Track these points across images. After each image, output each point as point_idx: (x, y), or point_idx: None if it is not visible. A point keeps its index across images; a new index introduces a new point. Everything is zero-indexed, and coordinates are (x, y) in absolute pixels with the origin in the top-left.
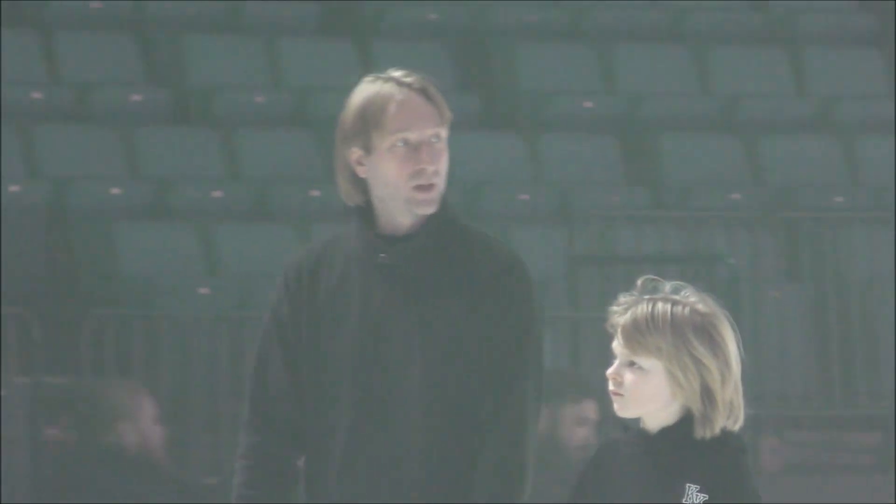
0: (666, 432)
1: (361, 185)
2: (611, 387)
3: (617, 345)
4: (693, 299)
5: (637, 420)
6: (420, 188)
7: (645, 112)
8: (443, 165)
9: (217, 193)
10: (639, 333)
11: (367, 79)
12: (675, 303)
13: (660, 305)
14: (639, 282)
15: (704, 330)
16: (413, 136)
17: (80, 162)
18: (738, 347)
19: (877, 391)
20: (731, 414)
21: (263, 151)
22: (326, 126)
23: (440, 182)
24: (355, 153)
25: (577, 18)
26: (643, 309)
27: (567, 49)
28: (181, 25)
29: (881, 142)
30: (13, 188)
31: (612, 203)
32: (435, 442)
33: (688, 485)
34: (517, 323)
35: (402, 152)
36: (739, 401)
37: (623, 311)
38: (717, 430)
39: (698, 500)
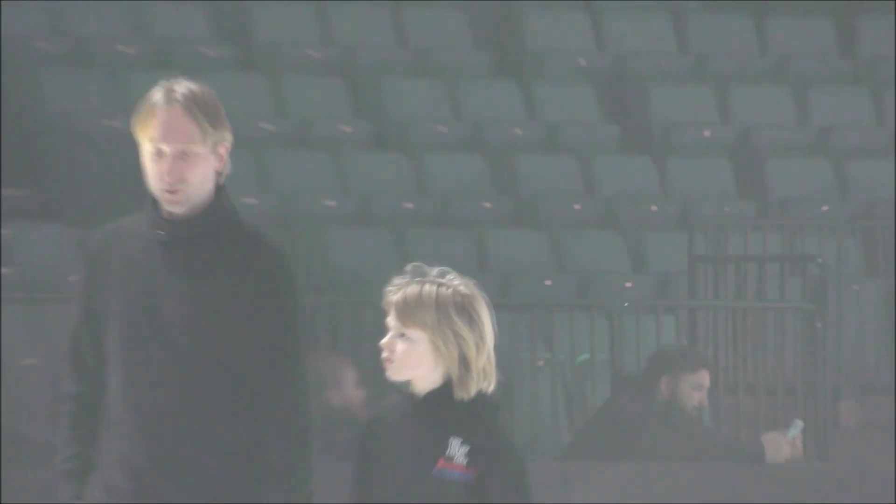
0: (431, 395)
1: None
2: (384, 354)
3: (391, 319)
4: (456, 283)
5: (406, 385)
6: (166, 191)
7: (754, 140)
8: (192, 175)
9: (409, 205)
10: (409, 309)
11: (159, 83)
12: (440, 285)
13: (427, 287)
14: (408, 267)
15: (464, 308)
16: (165, 147)
17: (301, 179)
18: (493, 324)
19: None
20: (485, 378)
21: (446, 171)
22: (497, 152)
23: (186, 187)
24: (142, 149)
25: (701, 63)
26: (413, 289)
27: (691, 89)
28: (382, 71)
29: None
30: (249, 200)
31: (725, 213)
32: (201, 417)
33: (451, 438)
34: (287, 310)
35: (155, 160)
36: (492, 368)
37: (396, 291)
38: (472, 393)
39: (461, 451)
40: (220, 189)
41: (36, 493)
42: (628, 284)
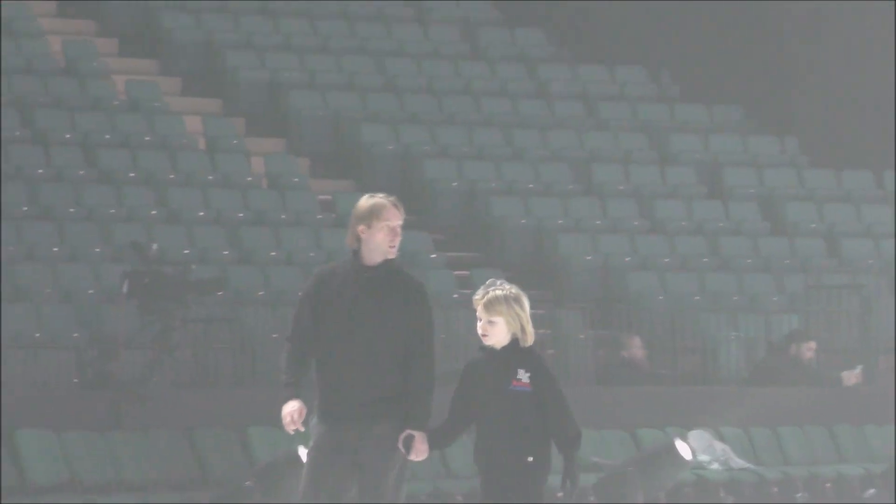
0: (505, 349)
1: (358, 241)
2: (481, 332)
3: (481, 312)
4: (508, 286)
5: (487, 346)
6: (391, 247)
7: None
8: (398, 241)
9: None
10: (492, 305)
11: (367, 195)
12: (503, 290)
13: (498, 292)
14: (487, 282)
15: (517, 299)
16: (392, 223)
17: None
18: (529, 306)
19: None
20: (531, 337)
21: None
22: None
23: (397, 244)
24: (361, 228)
25: None
26: (491, 294)
27: None
28: None
29: None
30: None
31: None
32: (378, 371)
33: (518, 369)
34: (425, 319)
35: (387, 230)
36: (532, 330)
37: (483, 297)
38: (529, 343)
39: (525, 375)
40: None
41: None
42: None
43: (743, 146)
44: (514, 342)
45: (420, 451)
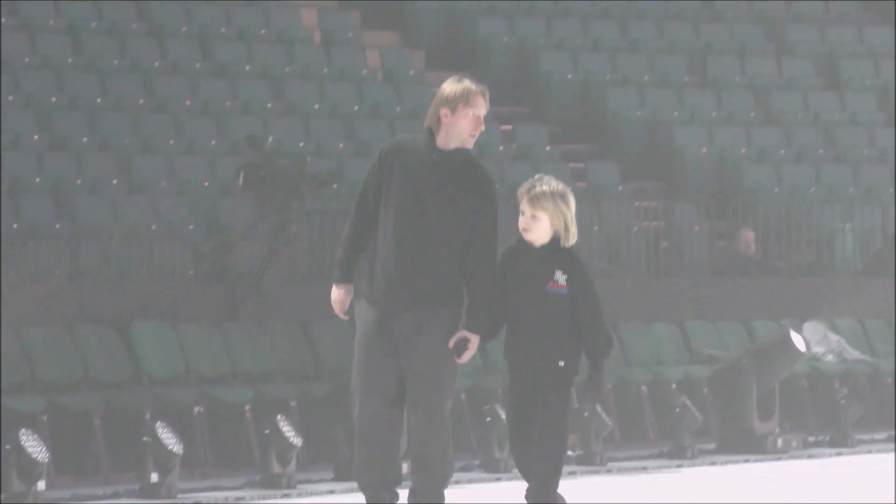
0: (545, 246)
1: (438, 123)
2: (523, 225)
3: (524, 206)
4: (554, 182)
5: (527, 241)
6: (471, 136)
7: None
8: (480, 130)
9: None
10: (537, 199)
11: (455, 77)
12: (549, 185)
13: (544, 186)
14: (535, 176)
15: (564, 196)
16: (477, 111)
17: None
18: (575, 204)
19: None
20: (573, 237)
21: None
22: None
23: (476, 136)
24: (444, 111)
25: None
26: (538, 188)
27: None
28: None
29: None
30: None
31: None
32: (436, 260)
33: (556, 270)
34: (491, 215)
35: (471, 118)
36: (575, 230)
37: (527, 191)
38: (570, 243)
39: (562, 278)
40: None
41: None
42: None
43: (859, 37)
44: (555, 241)
45: (469, 355)
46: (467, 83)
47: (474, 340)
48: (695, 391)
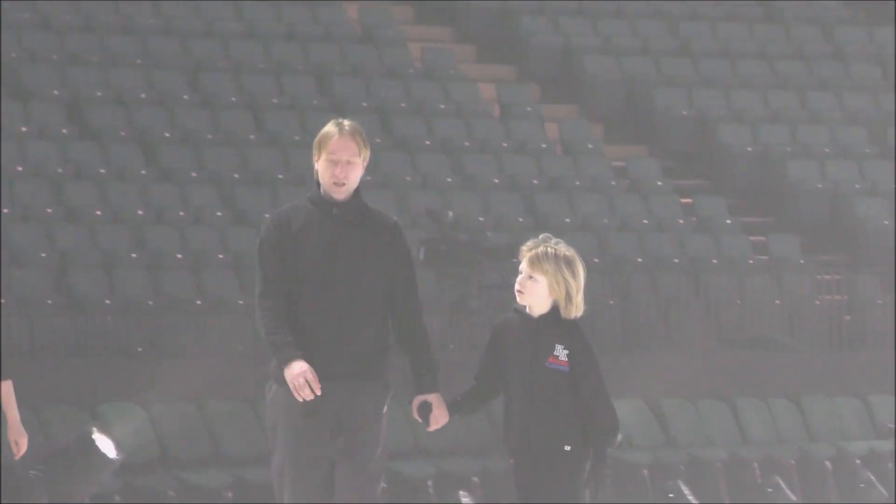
0: (543, 317)
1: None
2: (518, 288)
3: (524, 266)
4: (562, 246)
5: (524, 308)
6: (335, 186)
7: None
8: (352, 175)
9: None
10: (538, 260)
11: (331, 121)
12: (555, 248)
13: (549, 248)
14: (542, 236)
15: (570, 263)
16: (335, 156)
17: None
18: (585, 276)
19: None
20: (578, 309)
21: None
22: None
23: (348, 184)
24: (315, 158)
25: None
26: (541, 249)
27: None
28: None
29: None
30: None
31: None
32: (359, 323)
33: (556, 344)
34: (408, 259)
35: (327, 165)
36: (581, 302)
37: (529, 250)
38: (571, 316)
39: (563, 353)
40: (357, 187)
41: None
42: None
43: None
44: (555, 311)
45: (439, 418)
46: (329, 125)
47: (437, 401)
48: (880, 466)
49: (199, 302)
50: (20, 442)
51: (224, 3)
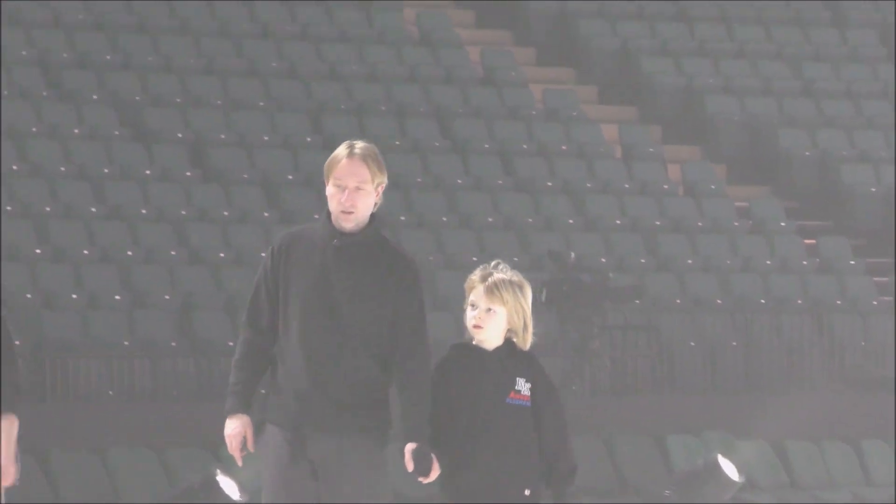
0: (500, 349)
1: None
2: (475, 323)
3: (479, 297)
4: (510, 272)
5: (469, 342)
6: (343, 213)
7: None
8: (360, 203)
9: None
10: (496, 290)
11: (343, 143)
12: (507, 273)
13: (502, 275)
14: (491, 263)
15: (522, 288)
16: (342, 182)
17: None
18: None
19: None
20: (531, 338)
21: None
22: None
23: (356, 212)
24: (327, 183)
25: None
26: (496, 275)
27: None
28: None
29: None
30: None
31: None
32: (355, 367)
33: (517, 378)
34: (417, 299)
35: (334, 192)
36: (531, 330)
37: (481, 280)
38: (526, 346)
39: (525, 386)
40: (373, 215)
41: None
42: None
43: None
44: (509, 343)
45: (434, 470)
46: (340, 148)
47: (427, 451)
48: None
49: None
50: (10, 471)
51: (346, 46)
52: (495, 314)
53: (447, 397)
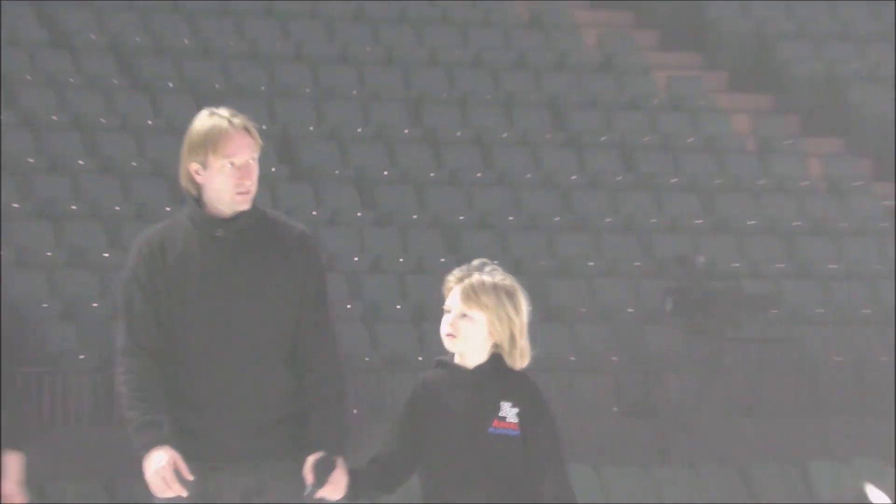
0: (482, 367)
1: (196, 185)
2: (448, 331)
3: (454, 302)
4: (499, 274)
5: (452, 359)
6: (240, 194)
7: None
8: (254, 178)
9: None
10: (474, 293)
11: (205, 112)
12: (492, 275)
13: (486, 276)
14: (473, 262)
15: (512, 295)
16: (238, 159)
17: None
18: (529, 310)
19: None
20: (524, 355)
21: None
22: None
23: (252, 188)
24: (194, 166)
25: None
26: (476, 278)
27: None
28: None
29: None
30: None
31: None
32: (264, 377)
33: (502, 402)
34: (319, 277)
35: (229, 171)
36: (527, 346)
37: (458, 280)
38: (517, 364)
39: (511, 412)
40: None
41: None
42: None
43: None
44: (496, 359)
45: (339, 485)
46: (216, 119)
47: (339, 464)
48: None
49: (420, 358)
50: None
51: (449, 29)
52: (472, 321)
53: (417, 423)
